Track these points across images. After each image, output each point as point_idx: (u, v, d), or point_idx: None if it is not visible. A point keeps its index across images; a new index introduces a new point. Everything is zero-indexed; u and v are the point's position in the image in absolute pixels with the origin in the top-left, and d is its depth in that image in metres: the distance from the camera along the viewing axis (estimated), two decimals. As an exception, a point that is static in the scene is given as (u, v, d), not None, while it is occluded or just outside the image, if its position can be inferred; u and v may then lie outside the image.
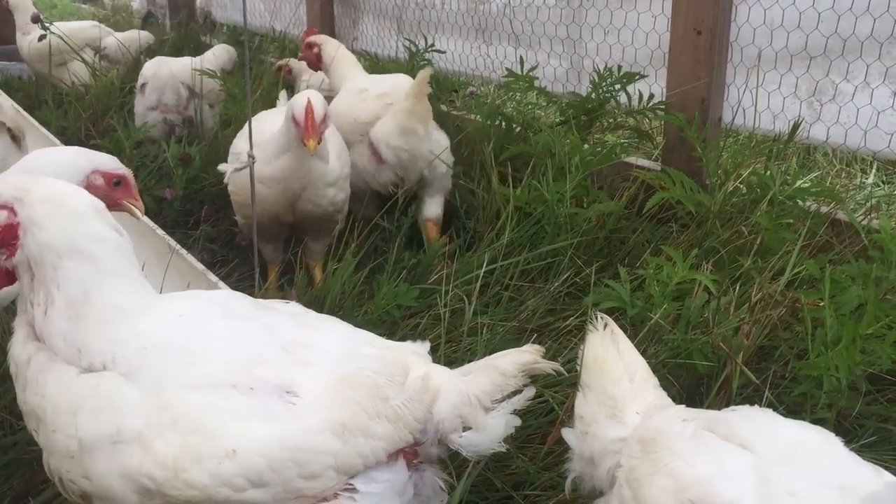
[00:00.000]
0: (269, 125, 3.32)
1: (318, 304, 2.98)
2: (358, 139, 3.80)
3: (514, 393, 1.88)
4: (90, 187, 2.33)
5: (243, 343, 1.68)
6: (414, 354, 1.88)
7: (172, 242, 3.05)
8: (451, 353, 2.75)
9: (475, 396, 1.81)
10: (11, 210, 1.59)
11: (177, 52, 6.19)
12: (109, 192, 2.41)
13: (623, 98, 4.22)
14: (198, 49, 6.51)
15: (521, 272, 3.17)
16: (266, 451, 1.55)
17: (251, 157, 2.63)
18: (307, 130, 2.91)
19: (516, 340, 2.89)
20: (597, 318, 1.97)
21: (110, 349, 1.59)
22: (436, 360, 1.98)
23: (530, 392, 1.89)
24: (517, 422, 1.88)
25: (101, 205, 1.70)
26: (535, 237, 3.31)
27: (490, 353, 2.74)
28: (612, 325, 1.94)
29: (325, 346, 1.75)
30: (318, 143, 2.96)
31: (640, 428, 1.70)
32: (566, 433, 1.91)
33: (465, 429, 1.81)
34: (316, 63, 4.47)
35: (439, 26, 5.86)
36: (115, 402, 1.55)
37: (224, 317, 1.74)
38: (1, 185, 1.64)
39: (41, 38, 5.64)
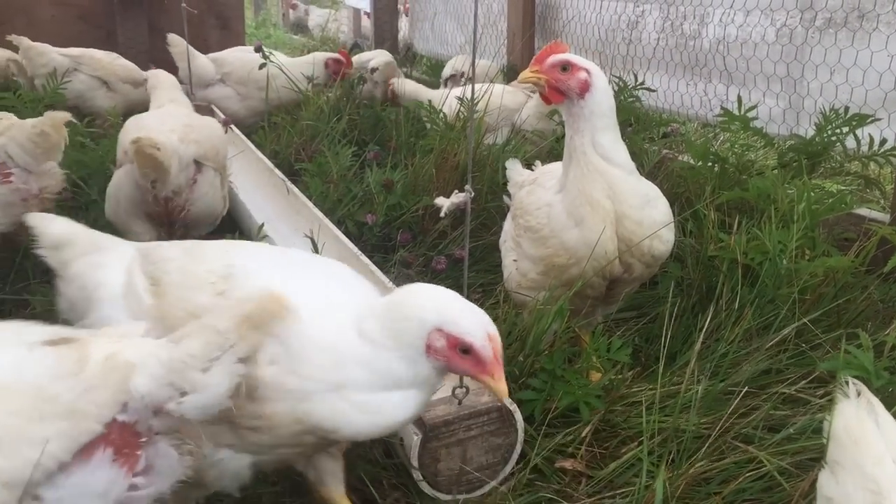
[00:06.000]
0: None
1: (519, 342, 2.91)
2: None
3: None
4: (429, 348, 1.95)
5: None
6: (103, 337, 1.79)
7: (382, 276, 3.09)
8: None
9: (181, 361, 1.70)
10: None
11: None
12: (454, 359, 1.95)
13: (850, 142, 3.89)
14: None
15: (741, 328, 2.95)
16: None
17: (469, 191, 2.63)
18: None
19: (726, 400, 2.70)
20: (847, 383, 1.74)
21: None
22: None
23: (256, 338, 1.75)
24: (242, 370, 1.74)
25: None
26: (757, 292, 3.07)
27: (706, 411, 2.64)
28: (868, 393, 1.71)
29: None
30: None
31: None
32: None
33: (184, 393, 1.70)
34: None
35: (643, 61, 5.71)
36: None
37: None
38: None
39: (261, 66, 6.03)
